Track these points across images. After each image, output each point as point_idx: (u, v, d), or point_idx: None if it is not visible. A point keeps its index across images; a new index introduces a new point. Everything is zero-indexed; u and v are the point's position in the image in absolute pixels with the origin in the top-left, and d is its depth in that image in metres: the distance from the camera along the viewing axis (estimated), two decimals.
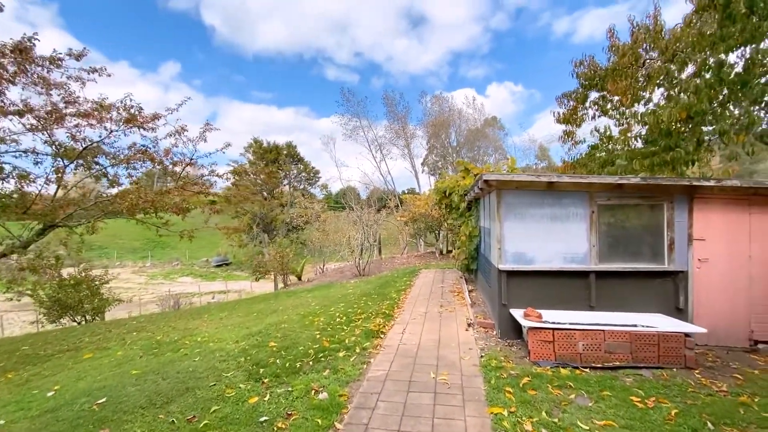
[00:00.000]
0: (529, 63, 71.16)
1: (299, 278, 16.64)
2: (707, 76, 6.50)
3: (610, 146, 8.90)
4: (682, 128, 5.87)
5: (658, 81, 6.93)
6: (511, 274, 5.77)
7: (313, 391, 4.09)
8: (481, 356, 5.03)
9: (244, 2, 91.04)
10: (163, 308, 18.15)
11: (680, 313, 5.47)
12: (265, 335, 6.75)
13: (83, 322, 13.96)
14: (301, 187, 55.69)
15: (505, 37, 68.99)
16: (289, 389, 4.20)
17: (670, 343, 4.54)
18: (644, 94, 7.19)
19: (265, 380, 4.52)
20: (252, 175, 52.83)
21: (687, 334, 4.56)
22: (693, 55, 6.76)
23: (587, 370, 4.51)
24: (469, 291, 9.18)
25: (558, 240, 5.72)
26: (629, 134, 7.37)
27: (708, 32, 6.53)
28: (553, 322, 5.38)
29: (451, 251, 21.90)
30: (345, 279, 14.89)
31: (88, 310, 14.56)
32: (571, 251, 5.70)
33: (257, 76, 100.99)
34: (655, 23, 7.62)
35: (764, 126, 5.19)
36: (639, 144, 7.27)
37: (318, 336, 6.26)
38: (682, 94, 5.88)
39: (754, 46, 5.14)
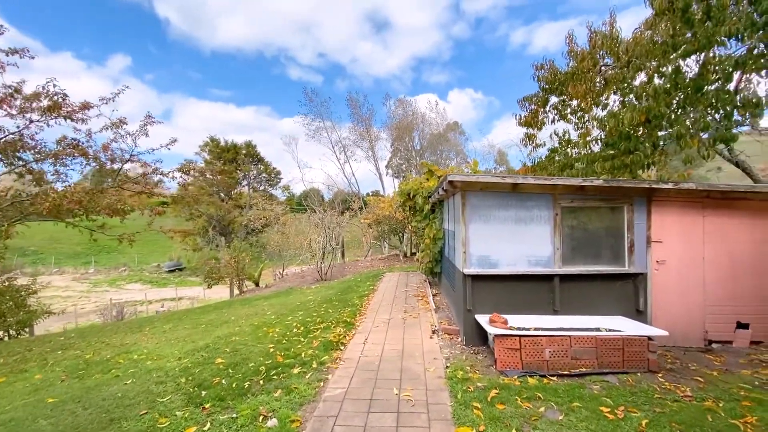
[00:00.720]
0: (488, 71, 74.22)
1: (257, 284, 15.76)
2: (660, 82, 6.70)
3: (568, 150, 9.05)
4: (641, 131, 5.98)
5: (614, 87, 7.08)
6: (476, 278, 5.56)
7: (261, 417, 3.59)
8: (447, 367, 4.74)
9: None
10: (105, 319, 16.55)
11: (640, 315, 5.50)
12: (212, 350, 6.10)
13: (5, 338, 12.30)
14: (261, 188, 53.79)
15: (466, 46, 71.48)
16: (234, 415, 3.67)
17: (634, 348, 4.49)
18: (602, 98, 7.34)
19: (207, 405, 3.95)
20: (208, 175, 50.40)
21: (650, 338, 4.53)
22: (646, 62, 6.95)
23: (555, 378, 4.34)
24: (433, 295, 8.96)
25: (523, 243, 5.58)
26: (589, 138, 7.49)
27: (660, 41, 6.74)
28: (519, 328, 5.22)
29: (415, 254, 21.80)
30: (306, 284, 14.26)
31: (12, 324, 12.87)
32: (536, 254, 5.58)
33: (215, 73, 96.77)
34: (611, 29, 7.81)
35: (715, 131, 5.36)
36: (597, 148, 7.39)
37: (272, 350, 5.72)
38: (641, 98, 5.97)
39: (710, 53, 5.30)
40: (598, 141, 6.96)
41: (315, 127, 35.50)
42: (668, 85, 5.55)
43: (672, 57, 6.76)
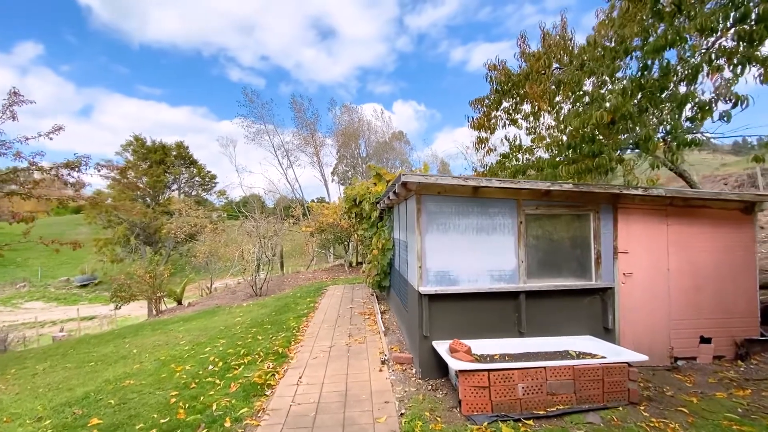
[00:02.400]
0: (431, 85, 77.23)
1: (179, 302, 13.66)
2: (616, 85, 6.47)
3: (519, 156, 8.70)
4: (605, 133, 5.65)
5: (569, 90, 6.79)
6: (434, 297, 4.70)
7: None
8: (402, 413, 3.79)
9: None
10: None
11: (608, 333, 5.00)
12: (91, 403, 4.57)
13: None
14: (194, 193, 49.52)
15: (409, 59, 73.60)
16: None
17: (614, 377, 3.88)
18: (558, 99, 7.04)
19: None
20: (132, 178, 45.14)
21: (629, 364, 3.96)
22: (599, 65, 6.72)
23: (531, 422, 3.57)
24: (382, 312, 8.01)
25: (485, 255, 4.85)
26: (547, 140, 7.13)
27: (612, 45, 6.52)
28: (483, 356, 4.45)
29: (361, 263, 20.77)
30: (237, 301, 12.57)
31: None
32: (499, 268, 4.87)
33: (144, 68, 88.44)
34: (563, 31, 7.57)
35: (686, 134, 5.12)
36: (548, 155, 7.03)
37: (174, 400, 4.36)
38: (599, 99, 5.63)
39: (677, 47, 5.05)
40: (554, 146, 6.59)
41: (255, 129, 33.35)
42: (632, 85, 5.23)
43: (619, 63, 6.59)
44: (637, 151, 5.73)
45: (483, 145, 8.56)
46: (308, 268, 21.20)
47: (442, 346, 4.47)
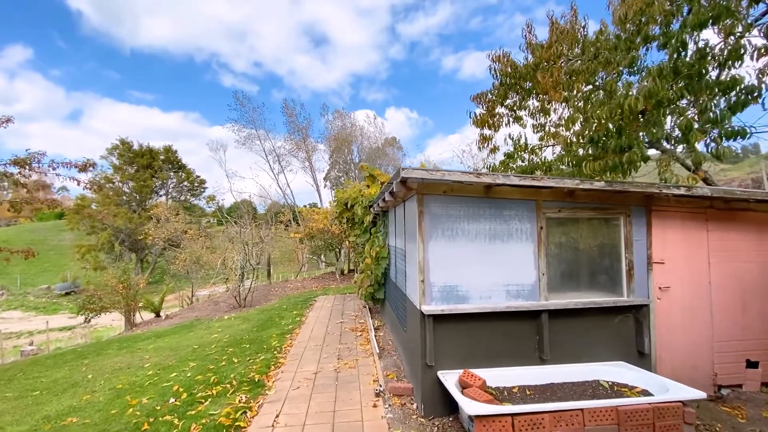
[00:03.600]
0: (423, 92, 77.85)
1: (157, 314, 12.65)
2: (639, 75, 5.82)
3: (525, 156, 8.01)
4: (633, 125, 4.96)
5: (583, 80, 6.13)
6: (440, 318, 3.91)
7: None
8: None
9: None
10: None
11: (642, 358, 4.25)
12: None
13: None
14: (182, 198, 48.23)
15: (401, 67, 74.01)
16: None
17: (667, 420, 3.11)
18: (568, 93, 6.37)
19: None
20: (117, 182, 43.77)
21: (684, 403, 3.20)
22: (614, 54, 6.08)
23: None
24: (375, 329, 7.18)
25: (499, 267, 4.08)
26: (566, 134, 6.43)
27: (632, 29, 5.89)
28: (497, 388, 3.66)
29: (353, 271, 19.88)
30: (218, 313, 11.62)
31: None
32: (516, 281, 4.10)
33: (136, 74, 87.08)
34: (574, 19, 6.92)
35: (731, 126, 4.46)
36: (569, 149, 6.33)
37: None
38: (644, 81, 4.91)
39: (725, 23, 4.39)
40: (574, 141, 5.90)
41: (246, 134, 32.53)
42: (667, 68, 4.56)
43: (634, 54, 5.96)
44: (665, 145, 5.06)
45: (486, 144, 7.85)
46: (297, 276, 20.26)
47: (450, 378, 3.67)
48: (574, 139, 5.93)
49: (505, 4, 79.02)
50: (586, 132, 5.54)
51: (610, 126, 4.91)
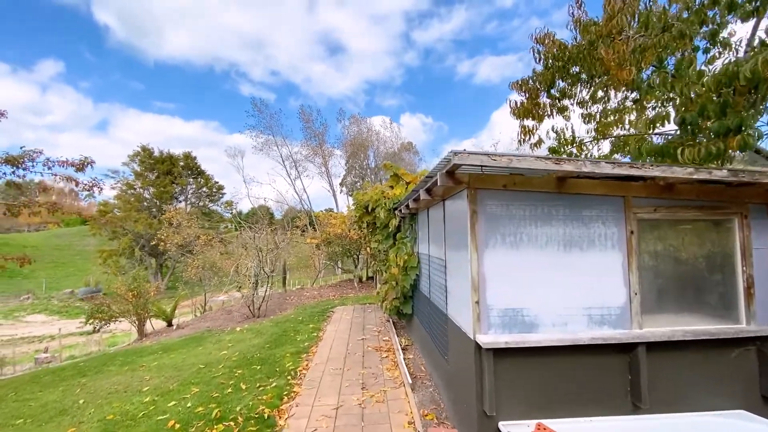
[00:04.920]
0: (437, 98, 77.71)
1: (169, 323, 12.06)
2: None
3: (572, 150, 6.98)
4: (739, 101, 3.96)
5: (655, 54, 5.13)
6: (502, 353, 2.96)
7: None
8: None
9: (148, 5, 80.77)
10: None
11: None
12: None
13: None
14: (201, 204, 48.56)
15: (416, 73, 73.91)
16: None
17: None
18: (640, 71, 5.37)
19: None
20: (138, 189, 44.36)
21: None
22: (690, 26, 5.05)
23: None
24: (403, 348, 6.25)
25: (577, 283, 3.12)
26: (645, 116, 5.41)
27: None
28: None
29: (372, 278, 19.01)
30: (231, 323, 10.91)
31: None
32: (600, 303, 3.13)
33: (159, 84, 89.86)
34: None
35: None
36: (645, 133, 5.29)
37: None
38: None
39: None
40: (650, 125, 4.87)
41: (264, 140, 32.39)
42: None
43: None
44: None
45: (528, 137, 6.87)
46: (314, 283, 19.51)
47: None
48: (650, 126, 4.88)
49: (521, 8, 78.02)
50: (670, 113, 4.52)
51: (704, 105, 3.88)
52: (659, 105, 5.46)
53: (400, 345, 6.38)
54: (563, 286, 3.11)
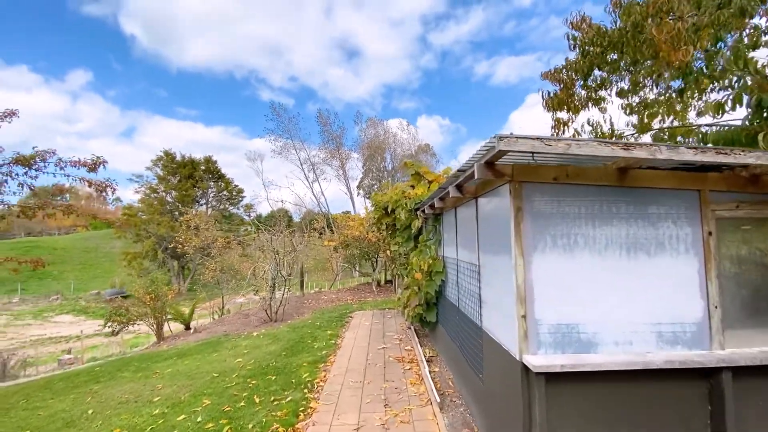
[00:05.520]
0: (455, 99, 77.33)
1: (187, 326, 11.95)
2: None
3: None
4: None
5: (710, 35, 4.55)
6: (556, 378, 2.48)
7: None
8: None
9: (171, 14, 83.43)
10: None
11: None
12: None
13: None
14: (221, 207, 49.29)
15: (433, 75, 73.65)
16: None
17: None
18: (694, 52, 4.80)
19: None
20: (161, 192, 45.35)
21: None
22: (752, 2, 4.44)
23: None
24: (428, 360, 5.78)
25: (643, 294, 2.61)
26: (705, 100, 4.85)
27: None
28: None
29: (390, 281, 18.57)
30: (248, 327, 10.68)
31: None
32: (671, 317, 2.61)
33: (182, 91, 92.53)
34: None
35: None
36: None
37: None
38: None
39: None
40: (720, 106, 4.31)
41: (282, 143, 32.64)
42: None
43: None
44: None
45: (563, 130, 6.33)
46: (331, 286, 19.21)
47: None
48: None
49: (539, 7, 76.70)
50: (742, 96, 3.94)
51: None
52: (719, 89, 4.84)
53: (424, 356, 5.92)
54: (627, 297, 2.61)
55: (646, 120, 5.82)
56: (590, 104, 6.72)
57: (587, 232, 2.63)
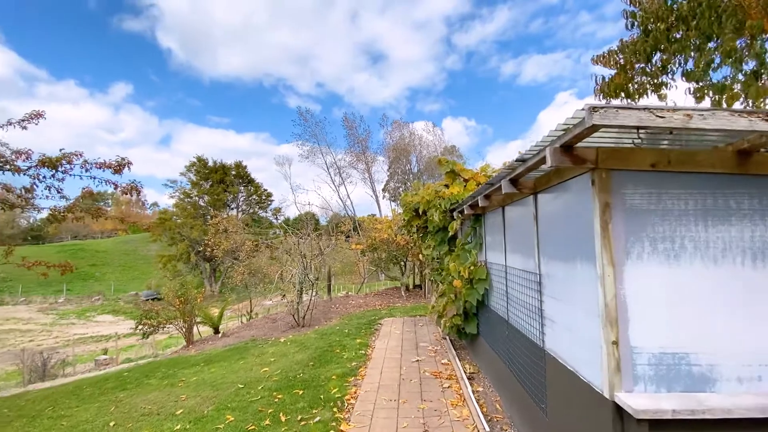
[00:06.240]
0: (481, 100, 75.88)
1: (216, 330, 11.88)
2: None
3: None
4: None
5: None
6: (662, 427, 1.89)
7: None
8: None
9: (204, 28, 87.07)
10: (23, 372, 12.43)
11: None
12: None
13: None
14: (251, 211, 50.27)
15: (458, 77, 72.55)
16: None
17: None
18: None
19: None
20: (194, 197, 46.76)
21: None
22: None
23: None
24: (469, 377, 5.20)
25: None
26: None
27: None
28: None
29: (419, 286, 17.99)
30: (276, 332, 10.43)
31: None
32: None
33: (214, 100, 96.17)
34: None
35: None
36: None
37: None
38: None
39: None
40: None
41: (309, 148, 32.97)
42: None
43: None
44: None
45: None
46: (359, 291, 18.84)
47: None
48: None
49: (568, 3, 73.99)
50: None
51: None
52: None
53: (464, 372, 5.34)
54: (753, 318, 1.99)
55: (725, 105, 5.02)
56: (650, 90, 5.96)
57: (697, 234, 2.03)
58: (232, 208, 49.97)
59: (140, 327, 10.89)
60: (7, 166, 5.57)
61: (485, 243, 5.13)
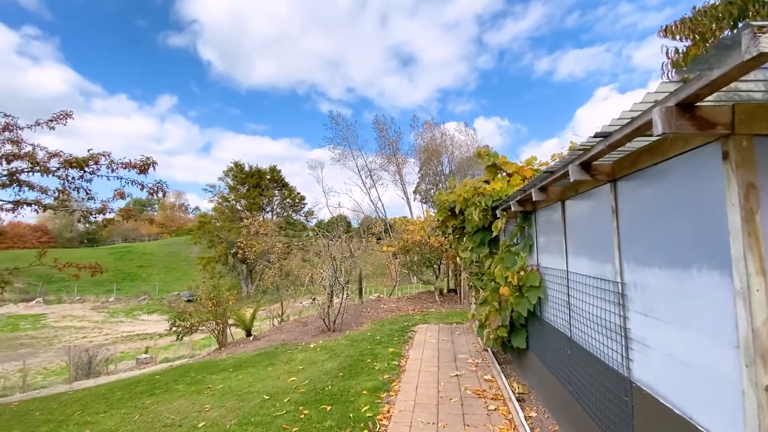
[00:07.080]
0: (514, 99, 73.05)
1: (248, 333, 11.78)
2: None
3: None
4: None
5: None
6: None
7: None
8: None
9: (241, 39, 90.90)
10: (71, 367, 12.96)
11: None
12: None
13: None
14: (285, 214, 51.26)
15: (490, 76, 70.37)
16: None
17: None
18: None
19: None
20: (232, 201, 48.32)
21: None
22: None
23: None
24: (518, 398, 4.54)
25: None
26: None
27: None
28: None
29: (453, 290, 17.21)
30: (306, 336, 10.13)
31: None
32: None
33: (251, 108, 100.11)
34: None
35: None
36: None
37: None
38: None
39: None
40: None
41: (340, 151, 33.07)
42: None
43: None
44: None
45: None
46: (390, 294, 18.32)
47: None
48: None
49: None
50: None
51: None
52: None
53: (513, 391, 4.68)
54: None
55: None
56: None
57: None
58: (267, 212, 51.15)
59: (173, 328, 10.96)
60: (37, 167, 5.60)
61: (536, 244, 4.46)
